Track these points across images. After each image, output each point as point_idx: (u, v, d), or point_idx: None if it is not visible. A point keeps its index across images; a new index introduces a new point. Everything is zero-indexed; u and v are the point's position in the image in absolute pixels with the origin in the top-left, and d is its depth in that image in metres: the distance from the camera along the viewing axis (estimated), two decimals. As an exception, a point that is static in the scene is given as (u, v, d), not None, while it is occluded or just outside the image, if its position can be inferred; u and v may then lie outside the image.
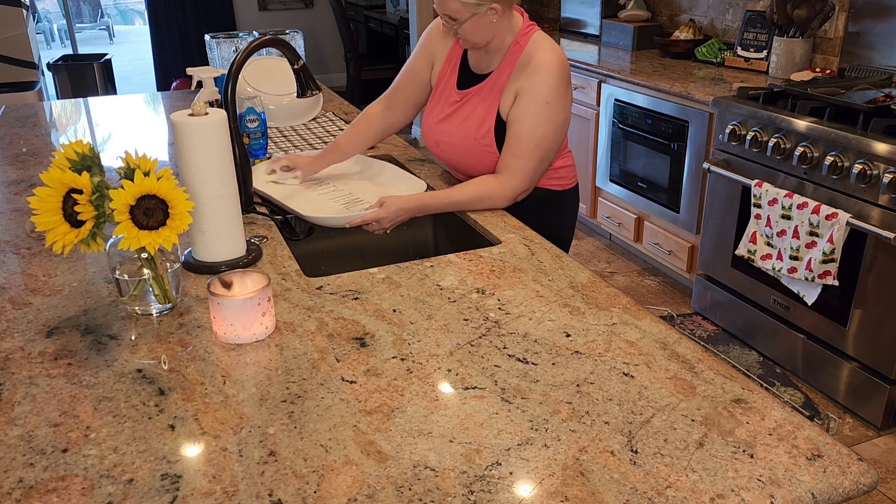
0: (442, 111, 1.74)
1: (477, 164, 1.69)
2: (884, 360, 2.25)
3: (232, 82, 1.50)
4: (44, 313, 1.20)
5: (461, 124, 1.69)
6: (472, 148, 1.67)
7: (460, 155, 1.72)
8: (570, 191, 1.79)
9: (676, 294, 3.25)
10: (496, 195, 1.61)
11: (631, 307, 1.21)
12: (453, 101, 1.71)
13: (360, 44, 7.05)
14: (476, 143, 1.66)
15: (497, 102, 1.64)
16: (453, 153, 1.74)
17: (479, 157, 1.68)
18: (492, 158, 1.66)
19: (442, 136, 1.74)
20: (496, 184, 1.61)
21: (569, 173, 1.78)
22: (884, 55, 2.82)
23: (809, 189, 2.38)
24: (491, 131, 1.64)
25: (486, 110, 1.65)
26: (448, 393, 0.98)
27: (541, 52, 1.59)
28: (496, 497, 0.80)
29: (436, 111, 1.76)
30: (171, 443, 0.89)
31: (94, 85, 5.42)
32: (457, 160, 1.76)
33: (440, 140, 1.75)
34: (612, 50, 3.89)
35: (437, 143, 1.77)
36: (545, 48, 1.60)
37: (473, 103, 1.67)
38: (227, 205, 1.30)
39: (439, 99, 1.76)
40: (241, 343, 1.10)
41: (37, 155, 2.09)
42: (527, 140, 1.58)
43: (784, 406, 0.96)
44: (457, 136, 1.70)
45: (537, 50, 1.59)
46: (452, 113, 1.71)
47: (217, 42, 3.01)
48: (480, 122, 1.65)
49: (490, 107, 1.64)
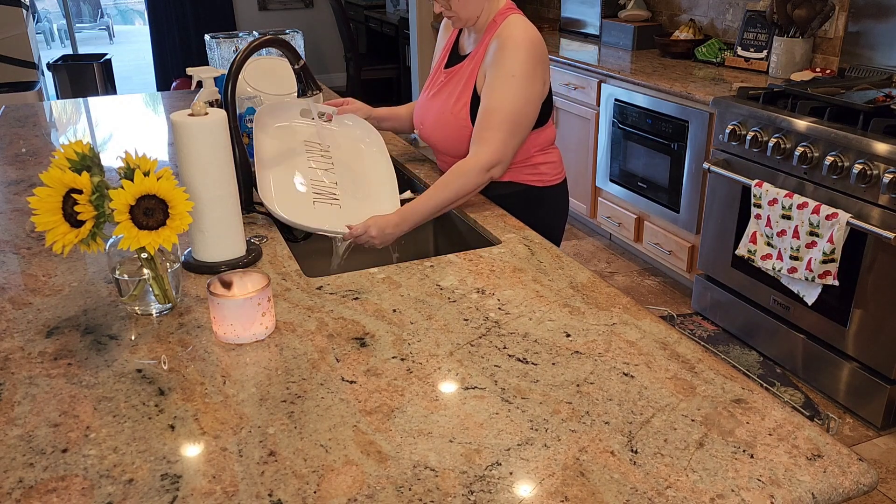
0: (429, 91, 1.82)
1: (453, 139, 1.73)
2: (884, 360, 2.25)
3: (232, 82, 1.50)
4: (44, 313, 1.20)
5: (443, 102, 1.74)
6: (448, 122, 1.72)
7: (438, 131, 1.77)
8: (554, 187, 1.80)
9: (676, 294, 3.25)
10: (469, 169, 1.58)
11: (631, 307, 1.21)
12: (440, 81, 1.78)
13: (360, 44, 7.05)
14: (452, 118, 1.71)
15: (473, 79, 1.69)
16: (433, 130, 1.79)
17: (455, 131, 1.71)
18: (466, 133, 1.69)
19: (426, 113, 1.80)
20: (466, 160, 1.61)
21: (552, 170, 1.79)
22: (884, 55, 2.82)
23: (809, 189, 2.37)
24: (466, 106, 1.68)
25: (464, 86, 1.70)
26: (448, 393, 0.98)
27: (510, 30, 1.62)
28: (496, 497, 0.80)
29: (425, 92, 1.84)
30: (171, 443, 0.89)
31: (94, 85, 5.42)
32: (436, 138, 1.79)
33: (424, 118, 1.81)
34: (612, 50, 3.88)
35: (421, 122, 1.83)
36: (517, 27, 1.63)
37: (455, 81, 1.73)
38: (227, 205, 1.30)
39: (430, 80, 1.84)
40: (241, 343, 1.10)
41: (37, 155, 2.09)
42: (495, 112, 1.60)
43: (784, 406, 0.96)
44: (436, 112, 1.75)
45: (509, 29, 1.63)
46: (437, 92, 1.78)
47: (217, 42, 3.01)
48: (457, 98, 1.71)
49: (467, 83, 1.70)
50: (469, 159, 1.60)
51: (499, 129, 1.60)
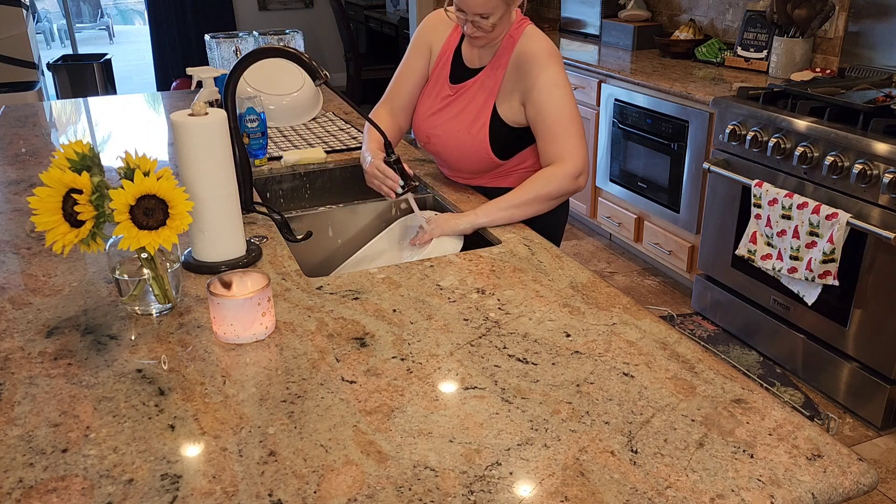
0: (433, 105, 1.74)
1: (470, 159, 1.70)
2: (884, 360, 2.25)
3: (232, 82, 1.50)
4: (44, 313, 1.20)
5: (454, 119, 1.69)
6: (465, 142, 1.67)
7: (452, 150, 1.72)
8: None
9: (676, 294, 3.25)
10: (554, 174, 1.58)
11: (631, 307, 1.21)
12: (445, 96, 1.71)
13: (360, 44, 7.05)
14: (470, 137, 1.66)
15: (493, 99, 1.64)
16: (445, 148, 1.73)
17: (473, 152, 1.68)
18: (485, 155, 1.67)
19: (433, 129, 1.73)
20: (552, 169, 1.59)
21: None
22: (884, 55, 2.82)
23: (809, 189, 2.37)
24: (486, 127, 1.65)
25: (482, 105, 1.65)
26: (448, 393, 0.98)
27: (533, 45, 1.61)
28: (496, 497, 0.80)
29: (427, 104, 1.76)
30: (170, 443, 0.89)
31: (94, 85, 5.42)
32: (448, 155, 1.75)
33: (431, 134, 1.75)
34: (612, 50, 3.88)
35: (428, 137, 1.76)
36: (536, 40, 1.62)
37: (467, 98, 1.68)
38: (227, 205, 1.30)
39: (431, 92, 1.75)
40: (241, 343, 1.10)
41: (37, 155, 2.09)
42: (559, 122, 1.59)
43: (784, 406, 0.96)
44: (449, 130, 1.70)
45: (530, 45, 1.61)
46: (444, 107, 1.71)
47: (217, 42, 3.01)
48: (475, 118, 1.66)
49: (486, 102, 1.65)
50: (555, 169, 1.58)
51: (570, 135, 1.59)
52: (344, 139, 2.22)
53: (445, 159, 1.78)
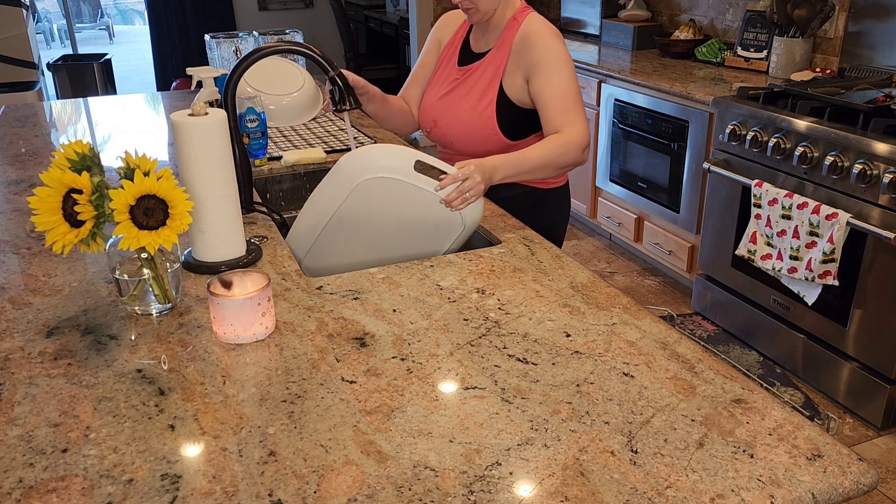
0: (441, 89, 1.79)
1: (477, 138, 1.72)
2: (884, 360, 2.25)
3: (232, 82, 1.50)
4: (44, 313, 1.20)
5: (462, 99, 1.73)
6: (472, 121, 1.71)
7: (459, 130, 1.75)
8: (557, 190, 1.79)
9: (676, 294, 3.25)
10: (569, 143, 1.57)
11: (631, 307, 1.21)
12: (453, 79, 1.77)
13: (360, 44, 7.05)
14: (476, 116, 1.70)
15: (499, 78, 1.69)
16: (451, 129, 1.77)
17: (479, 130, 1.71)
18: (491, 132, 1.69)
19: (440, 112, 1.78)
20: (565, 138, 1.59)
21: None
22: (884, 55, 2.82)
23: (809, 189, 2.38)
24: (493, 104, 1.68)
25: (487, 84, 1.70)
26: (448, 393, 0.98)
27: (536, 27, 1.66)
28: (496, 497, 0.80)
29: (435, 89, 1.81)
30: (170, 443, 0.89)
31: (94, 85, 5.42)
32: (455, 136, 1.77)
33: (438, 117, 1.78)
34: (612, 50, 3.89)
35: (434, 121, 1.80)
36: (539, 23, 1.67)
37: (474, 79, 1.72)
38: (227, 205, 1.30)
39: (440, 77, 1.81)
40: (241, 343, 1.10)
41: (37, 155, 2.09)
42: (564, 97, 1.62)
43: (784, 406, 0.96)
44: (456, 110, 1.74)
45: (533, 26, 1.66)
46: (452, 90, 1.76)
47: (217, 42, 3.01)
48: (481, 96, 1.70)
49: (492, 81, 1.69)
50: (565, 136, 1.58)
51: (575, 109, 1.62)
52: (344, 139, 2.22)
53: (452, 141, 1.80)
